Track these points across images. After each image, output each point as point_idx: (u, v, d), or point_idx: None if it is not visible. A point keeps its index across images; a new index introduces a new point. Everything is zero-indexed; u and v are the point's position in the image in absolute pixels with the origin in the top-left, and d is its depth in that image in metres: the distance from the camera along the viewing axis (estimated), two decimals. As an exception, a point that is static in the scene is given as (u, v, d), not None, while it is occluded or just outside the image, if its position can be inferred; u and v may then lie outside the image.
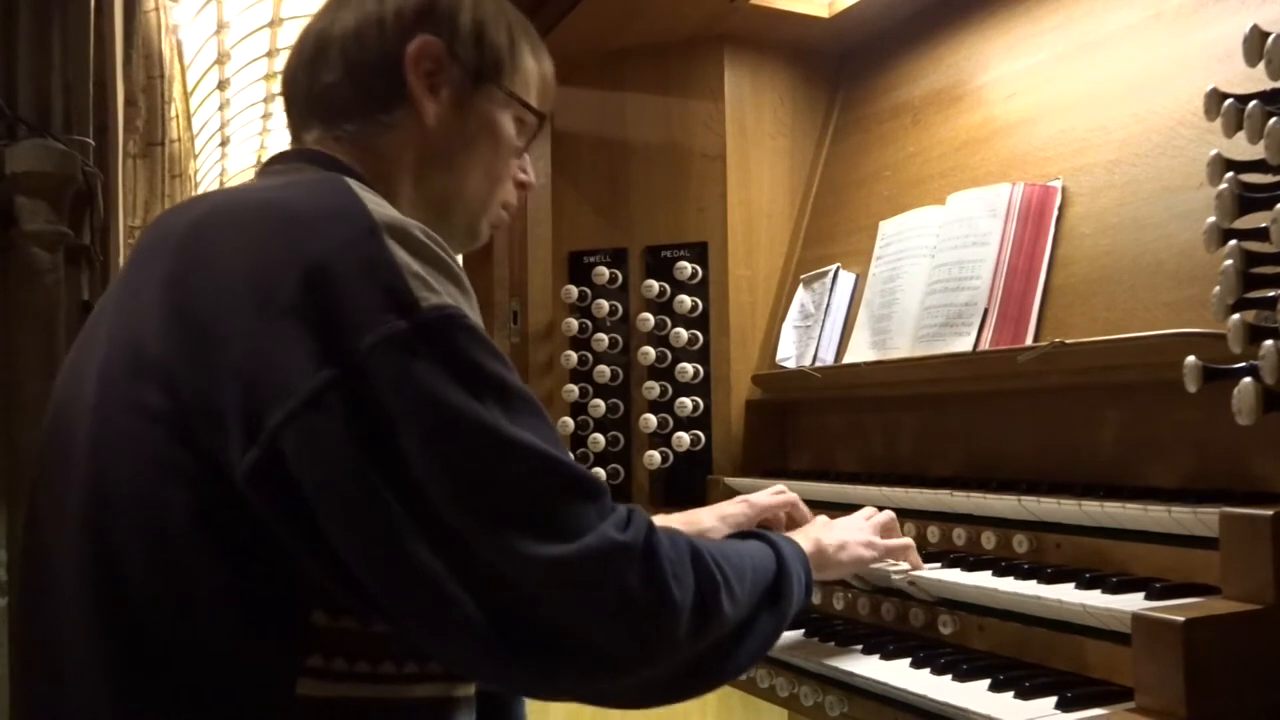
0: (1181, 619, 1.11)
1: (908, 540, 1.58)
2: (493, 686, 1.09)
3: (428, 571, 0.91)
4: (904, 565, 1.57)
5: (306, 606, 0.95)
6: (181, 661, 0.94)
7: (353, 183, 1.03)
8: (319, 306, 0.92)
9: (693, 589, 1.02)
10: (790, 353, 2.22)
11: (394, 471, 0.91)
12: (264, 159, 1.28)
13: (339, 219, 0.97)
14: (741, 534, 1.34)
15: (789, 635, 1.64)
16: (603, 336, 2.40)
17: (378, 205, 1.00)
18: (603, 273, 2.43)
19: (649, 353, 2.33)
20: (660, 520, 1.66)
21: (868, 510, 1.61)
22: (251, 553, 0.94)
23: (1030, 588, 1.37)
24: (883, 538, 1.55)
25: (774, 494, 1.71)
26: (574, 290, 2.44)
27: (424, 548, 0.91)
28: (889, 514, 1.60)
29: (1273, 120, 1.14)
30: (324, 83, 1.20)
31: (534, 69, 1.29)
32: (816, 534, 1.45)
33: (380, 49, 1.18)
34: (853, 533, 1.52)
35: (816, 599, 1.74)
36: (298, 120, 1.24)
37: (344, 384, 0.90)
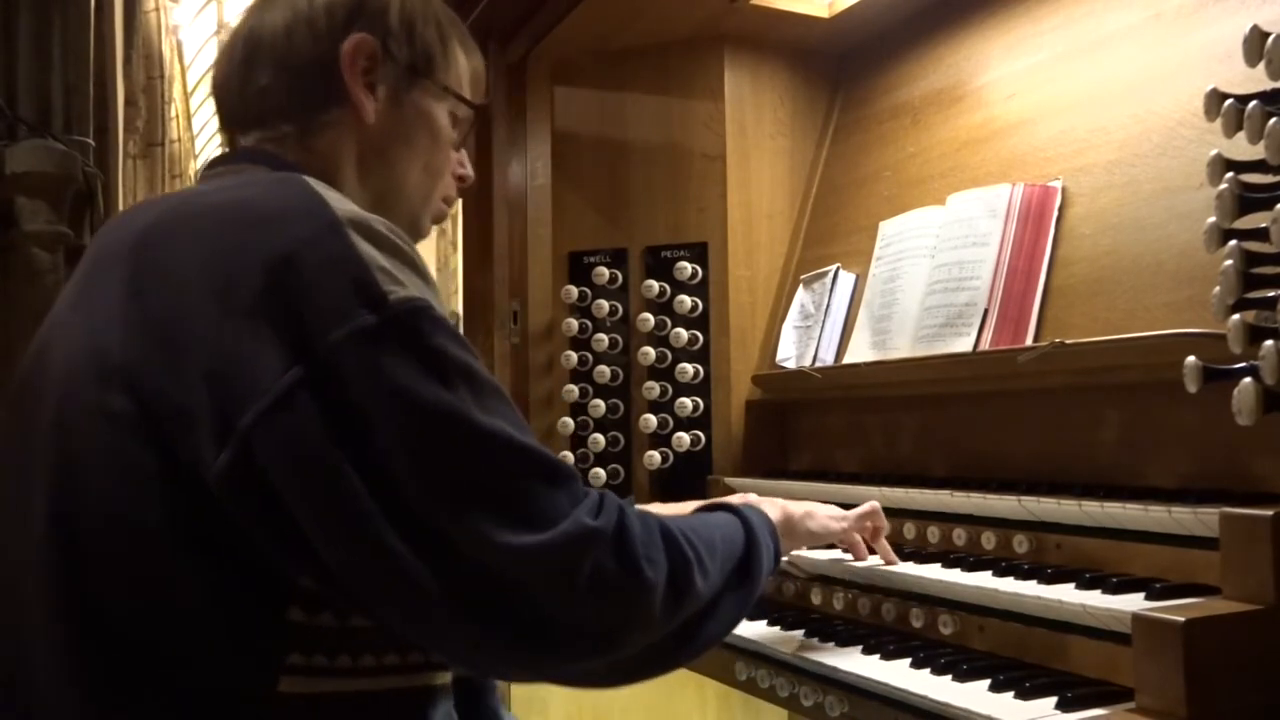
0: (1181, 619, 1.11)
1: (874, 503, 1.62)
2: (473, 672, 1.09)
3: (405, 564, 0.91)
4: (874, 560, 1.61)
5: (283, 604, 0.95)
6: (161, 666, 0.93)
7: (310, 179, 1.03)
8: (284, 303, 0.92)
9: (665, 568, 1.03)
10: (790, 353, 2.22)
11: (368, 465, 0.90)
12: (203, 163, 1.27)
13: (300, 215, 0.97)
14: (709, 506, 1.35)
15: (789, 635, 1.64)
16: (603, 337, 2.40)
17: (338, 200, 1.00)
18: (603, 273, 2.43)
19: (649, 353, 2.33)
20: (652, 510, 1.68)
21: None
22: (226, 553, 0.93)
23: (1030, 588, 1.37)
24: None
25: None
26: (574, 290, 2.44)
27: (401, 540, 0.91)
28: (870, 504, 1.64)
29: (1273, 120, 1.14)
30: (257, 85, 1.19)
31: (464, 63, 1.30)
32: (784, 503, 1.47)
33: (313, 49, 1.18)
34: (823, 505, 1.56)
35: (817, 599, 1.75)
36: (233, 124, 1.23)
37: (313, 380, 0.90)
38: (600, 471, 2.39)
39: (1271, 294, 1.15)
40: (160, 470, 0.93)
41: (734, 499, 1.68)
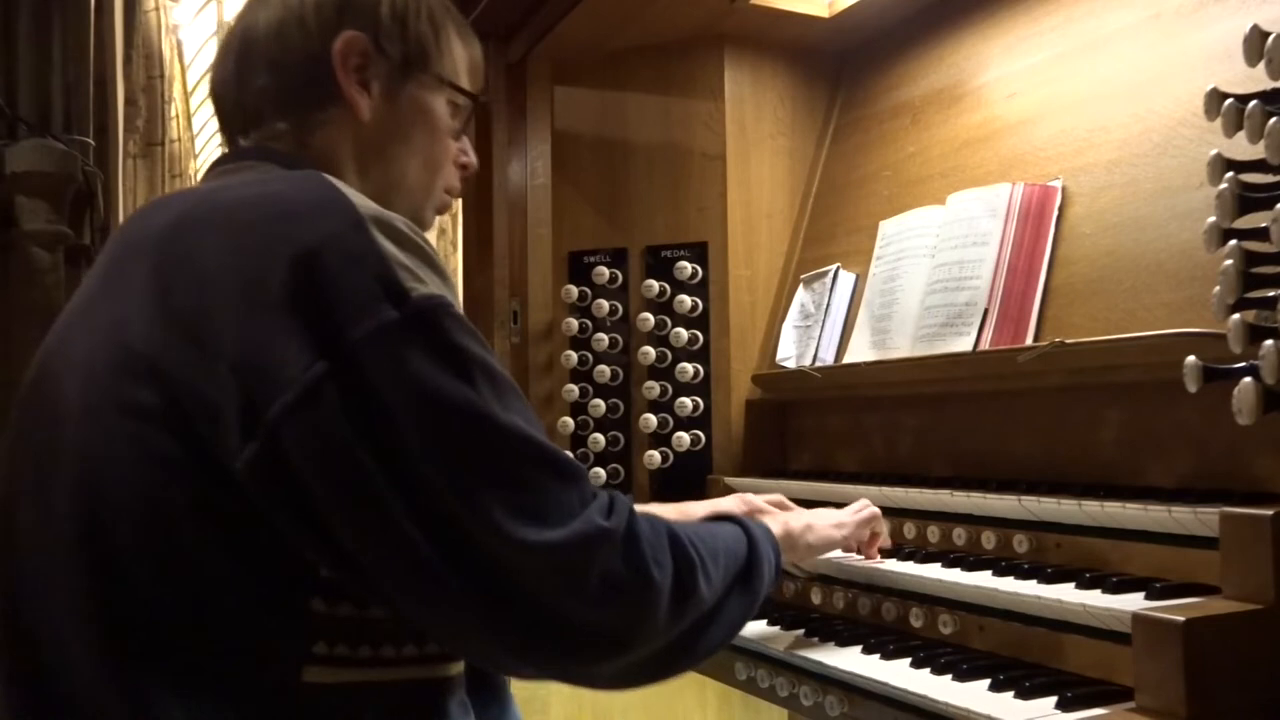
0: (1181, 619, 1.12)
1: (875, 510, 1.62)
2: (484, 665, 1.11)
3: (425, 554, 0.93)
4: (870, 561, 1.61)
5: (306, 595, 0.97)
6: (189, 653, 0.95)
7: (330, 177, 1.04)
8: (310, 297, 0.93)
9: (670, 570, 1.05)
10: (790, 353, 2.22)
11: (391, 458, 0.92)
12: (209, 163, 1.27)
13: (324, 211, 0.98)
14: (714, 517, 1.37)
15: (789, 634, 1.64)
16: (603, 336, 2.40)
17: (359, 198, 1.01)
18: (603, 273, 2.43)
19: (649, 353, 2.33)
20: (653, 509, 1.69)
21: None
22: (251, 543, 0.95)
23: (1030, 588, 1.37)
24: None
25: (769, 499, 1.72)
26: (574, 290, 2.44)
27: (420, 532, 0.92)
28: (870, 510, 1.64)
29: (1273, 120, 1.14)
30: (253, 86, 1.19)
31: (461, 51, 1.29)
32: (785, 518, 1.49)
33: (304, 49, 1.18)
34: (823, 516, 1.56)
35: (817, 599, 1.75)
36: (232, 125, 1.23)
37: (338, 374, 0.91)
38: (600, 471, 2.39)
39: (1271, 294, 1.15)
40: (186, 461, 0.94)
41: (731, 502, 1.69)
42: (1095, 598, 1.29)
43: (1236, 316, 1.16)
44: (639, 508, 1.66)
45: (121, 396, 0.97)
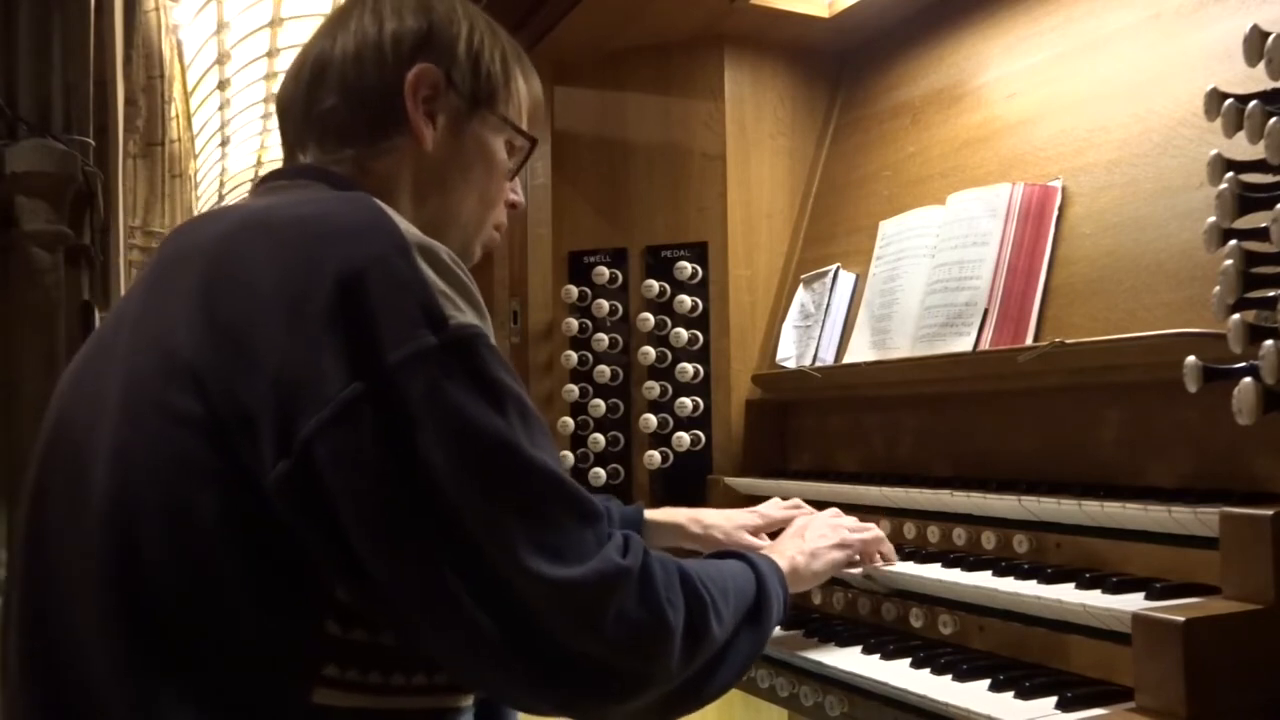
0: (1181, 619, 1.12)
1: (879, 532, 1.61)
2: (493, 697, 1.10)
3: (445, 581, 0.94)
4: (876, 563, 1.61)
5: (321, 616, 0.97)
6: (203, 665, 0.95)
7: (379, 202, 1.05)
8: (352, 317, 0.94)
9: (683, 611, 1.07)
10: (790, 353, 2.22)
11: (419, 482, 0.93)
12: (262, 173, 1.29)
13: (372, 234, 1.00)
14: (720, 554, 1.38)
15: (789, 635, 1.64)
16: (603, 336, 2.40)
17: (406, 225, 1.02)
18: (603, 273, 2.43)
19: (649, 353, 2.33)
20: (667, 514, 1.70)
21: (833, 510, 1.65)
22: (273, 558, 0.95)
23: (1030, 588, 1.38)
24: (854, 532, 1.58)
25: (786, 507, 1.72)
26: (574, 290, 2.44)
27: (443, 557, 0.94)
28: (876, 533, 1.62)
29: (1273, 120, 1.14)
30: (322, 106, 1.21)
31: (525, 93, 1.32)
32: (790, 551, 1.48)
33: (379, 75, 1.20)
34: (825, 536, 1.54)
35: (817, 599, 1.75)
36: (293, 140, 1.25)
37: (375, 396, 0.93)
38: (600, 471, 2.39)
39: (1271, 294, 1.15)
40: (219, 470, 0.95)
41: (745, 515, 1.69)
42: (1095, 598, 1.29)
43: (1236, 316, 1.16)
44: (650, 514, 1.67)
45: (163, 401, 0.98)
